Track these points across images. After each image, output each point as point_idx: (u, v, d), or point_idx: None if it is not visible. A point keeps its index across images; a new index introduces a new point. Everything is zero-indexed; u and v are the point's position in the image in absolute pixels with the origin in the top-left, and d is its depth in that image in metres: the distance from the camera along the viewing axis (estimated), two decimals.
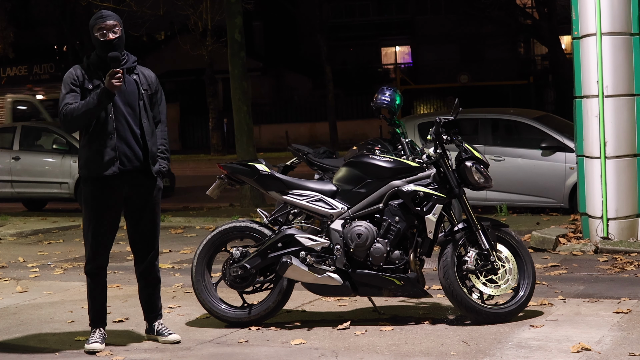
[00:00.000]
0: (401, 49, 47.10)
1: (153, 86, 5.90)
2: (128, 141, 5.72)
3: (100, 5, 21.30)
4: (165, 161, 5.92)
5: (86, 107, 5.62)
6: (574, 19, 9.56)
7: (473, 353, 5.42)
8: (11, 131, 16.76)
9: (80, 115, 5.63)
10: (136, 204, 5.84)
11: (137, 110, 5.77)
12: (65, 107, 5.67)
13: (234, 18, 15.18)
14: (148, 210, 5.86)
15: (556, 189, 12.09)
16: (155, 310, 6.03)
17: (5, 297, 7.79)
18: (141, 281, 6.01)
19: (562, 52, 33.57)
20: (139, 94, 5.79)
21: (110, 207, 5.79)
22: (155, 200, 5.89)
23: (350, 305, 6.86)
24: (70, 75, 5.75)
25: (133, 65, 5.84)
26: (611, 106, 9.27)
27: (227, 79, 16.73)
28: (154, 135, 5.86)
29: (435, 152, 6.31)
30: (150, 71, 5.97)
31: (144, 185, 5.82)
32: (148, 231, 5.90)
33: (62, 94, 5.74)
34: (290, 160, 8.63)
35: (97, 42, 5.71)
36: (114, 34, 5.69)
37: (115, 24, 5.71)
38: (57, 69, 39.19)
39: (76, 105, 5.65)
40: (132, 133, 5.73)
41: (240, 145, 15.24)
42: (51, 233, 12.56)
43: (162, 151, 5.92)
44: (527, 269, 6.26)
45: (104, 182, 5.72)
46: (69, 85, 5.72)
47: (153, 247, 5.94)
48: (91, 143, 5.72)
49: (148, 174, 5.81)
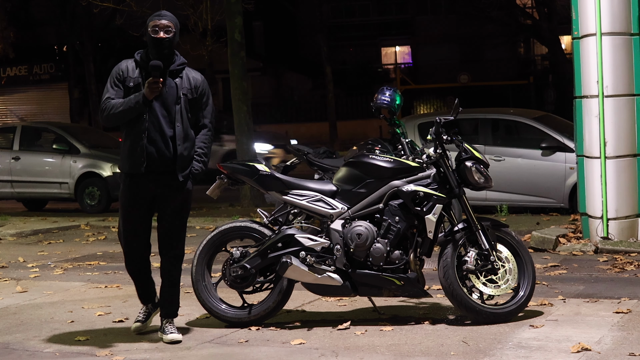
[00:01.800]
0: (401, 49, 47.09)
1: (198, 90, 5.95)
2: (157, 143, 5.80)
3: (101, 5, 21.30)
4: (199, 164, 5.97)
5: (123, 107, 5.76)
6: (574, 19, 9.56)
7: (473, 353, 5.42)
8: (11, 131, 16.76)
9: (117, 113, 5.78)
10: (162, 203, 5.93)
11: (173, 114, 5.83)
12: (105, 102, 5.83)
13: (234, 18, 15.19)
14: (172, 211, 5.94)
15: (556, 189, 12.09)
16: (166, 308, 6.06)
17: (5, 297, 7.79)
18: (163, 277, 6.09)
19: (562, 52, 33.55)
20: (177, 97, 5.84)
21: (138, 205, 5.90)
22: (182, 201, 5.95)
23: (350, 305, 6.86)
24: (117, 69, 5.89)
25: (179, 67, 5.89)
26: (611, 106, 9.27)
27: (227, 79, 16.74)
28: (189, 139, 5.90)
29: (435, 152, 6.31)
30: (198, 74, 6.03)
31: (171, 187, 5.90)
32: (170, 231, 5.97)
33: (107, 86, 5.88)
34: (290, 160, 8.63)
35: (149, 38, 5.80)
36: (166, 33, 5.77)
37: (169, 25, 5.80)
38: (57, 69, 39.15)
39: (115, 102, 5.79)
40: (162, 136, 5.80)
41: (240, 145, 15.24)
42: (51, 233, 12.56)
43: (199, 154, 5.98)
44: (527, 269, 6.26)
45: (134, 178, 5.86)
46: (113, 79, 5.86)
47: (174, 247, 6.01)
48: (126, 140, 5.88)
49: (176, 176, 5.87)
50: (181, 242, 6.05)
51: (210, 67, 31.78)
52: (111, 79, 5.86)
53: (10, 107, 39.31)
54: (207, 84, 6.04)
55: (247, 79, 15.52)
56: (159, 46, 5.77)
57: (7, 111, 39.35)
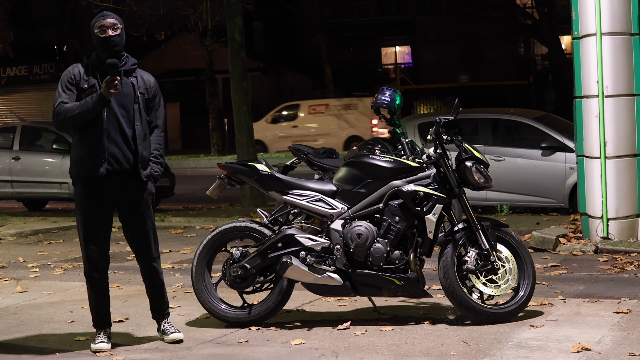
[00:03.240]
0: (401, 49, 47.10)
1: (151, 90, 5.87)
2: (118, 143, 5.69)
3: (100, 5, 21.29)
4: (157, 166, 5.88)
5: (80, 110, 5.62)
6: (574, 19, 9.56)
7: (473, 353, 5.42)
8: (11, 131, 16.76)
9: (74, 116, 5.64)
10: (126, 207, 5.81)
11: (131, 113, 5.74)
12: (59, 106, 5.68)
13: (234, 18, 15.19)
14: (138, 214, 5.82)
15: (556, 189, 12.09)
16: (160, 310, 6.03)
17: (5, 297, 7.79)
18: (145, 281, 6.02)
19: (562, 52, 33.56)
20: (134, 96, 5.76)
21: (100, 208, 5.76)
22: (146, 204, 5.84)
23: (350, 305, 6.86)
24: (68, 73, 5.76)
25: (132, 67, 5.82)
26: (611, 106, 9.27)
27: (227, 79, 16.77)
28: (147, 139, 5.82)
29: (435, 152, 6.31)
30: (149, 75, 5.95)
31: (133, 189, 5.78)
32: (139, 235, 5.86)
33: (58, 91, 5.74)
34: (290, 160, 8.63)
35: (97, 39, 5.71)
36: (113, 31, 5.69)
37: (115, 22, 5.72)
38: (57, 69, 39.14)
39: (71, 105, 5.66)
40: (123, 135, 5.70)
41: (240, 145, 15.25)
42: (51, 233, 12.56)
43: (156, 156, 5.88)
44: (527, 269, 6.26)
45: (92, 182, 5.71)
46: (65, 83, 5.73)
47: (148, 249, 5.90)
48: (82, 142, 5.72)
49: (138, 177, 5.78)
50: (156, 243, 5.96)
51: (210, 67, 31.81)
52: (62, 84, 5.72)
53: (10, 107, 39.31)
54: (157, 85, 5.96)
55: (247, 79, 15.52)
56: (109, 45, 5.66)
57: (7, 111, 39.35)
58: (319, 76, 39.06)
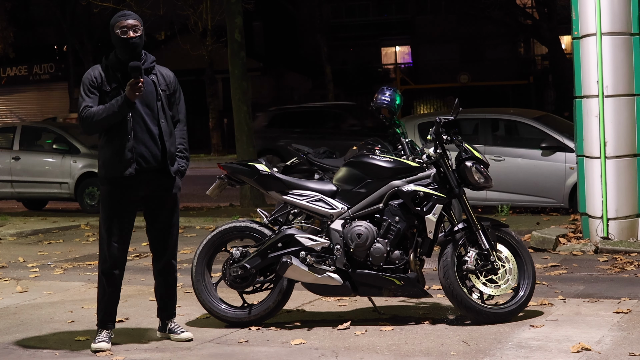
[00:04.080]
0: (401, 49, 47.08)
1: (172, 86, 5.90)
2: (145, 142, 5.73)
3: (101, 5, 21.30)
4: (184, 160, 5.95)
5: (106, 113, 5.65)
6: (574, 19, 9.56)
7: (473, 353, 5.42)
8: (11, 131, 16.76)
9: (101, 120, 5.67)
10: (154, 203, 5.87)
11: (155, 111, 5.78)
12: (85, 111, 5.69)
13: (234, 18, 15.18)
14: (166, 209, 5.89)
15: (556, 189, 12.10)
16: (170, 309, 6.05)
17: (5, 297, 7.79)
18: (158, 279, 6.03)
19: (562, 52, 33.56)
20: (157, 94, 5.80)
21: (127, 208, 5.82)
22: (174, 200, 5.91)
23: (350, 305, 6.86)
24: (89, 76, 5.75)
25: (151, 65, 5.84)
26: (611, 106, 9.27)
27: (227, 79, 16.73)
28: (173, 135, 5.87)
29: (435, 152, 6.31)
30: (169, 70, 5.97)
31: (162, 185, 5.84)
32: (165, 230, 5.92)
33: (81, 95, 5.76)
34: (290, 160, 8.63)
35: (118, 40, 5.71)
36: (134, 32, 5.70)
37: (136, 23, 5.74)
38: (57, 69, 39.18)
39: (96, 109, 5.67)
40: (149, 134, 5.74)
41: (240, 145, 15.24)
42: (51, 233, 12.56)
43: (182, 150, 5.94)
44: (527, 269, 6.26)
45: (121, 182, 5.74)
46: (87, 87, 5.73)
47: (170, 246, 5.96)
48: (109, 144, 5.75)
49: (166, 173, 5.82)
50: (175, 239, 6.01)
51: (210, 67, 31.82)
52: (85, 88, 5.73)
53: (10, 107, 39.32)
54: (177, 80, 5.98)
55: (247, 79, 15.51)
56: (130, 46, 5.67)
57: (7, 111, 39.36)
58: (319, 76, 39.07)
